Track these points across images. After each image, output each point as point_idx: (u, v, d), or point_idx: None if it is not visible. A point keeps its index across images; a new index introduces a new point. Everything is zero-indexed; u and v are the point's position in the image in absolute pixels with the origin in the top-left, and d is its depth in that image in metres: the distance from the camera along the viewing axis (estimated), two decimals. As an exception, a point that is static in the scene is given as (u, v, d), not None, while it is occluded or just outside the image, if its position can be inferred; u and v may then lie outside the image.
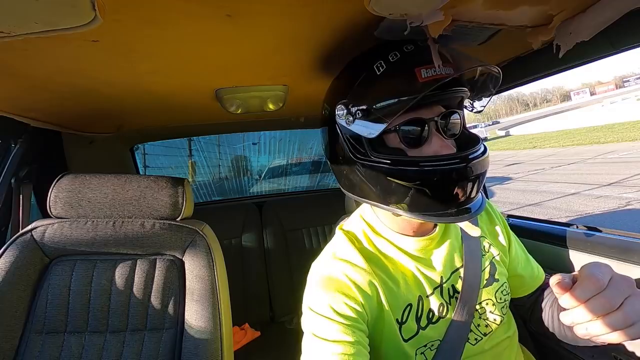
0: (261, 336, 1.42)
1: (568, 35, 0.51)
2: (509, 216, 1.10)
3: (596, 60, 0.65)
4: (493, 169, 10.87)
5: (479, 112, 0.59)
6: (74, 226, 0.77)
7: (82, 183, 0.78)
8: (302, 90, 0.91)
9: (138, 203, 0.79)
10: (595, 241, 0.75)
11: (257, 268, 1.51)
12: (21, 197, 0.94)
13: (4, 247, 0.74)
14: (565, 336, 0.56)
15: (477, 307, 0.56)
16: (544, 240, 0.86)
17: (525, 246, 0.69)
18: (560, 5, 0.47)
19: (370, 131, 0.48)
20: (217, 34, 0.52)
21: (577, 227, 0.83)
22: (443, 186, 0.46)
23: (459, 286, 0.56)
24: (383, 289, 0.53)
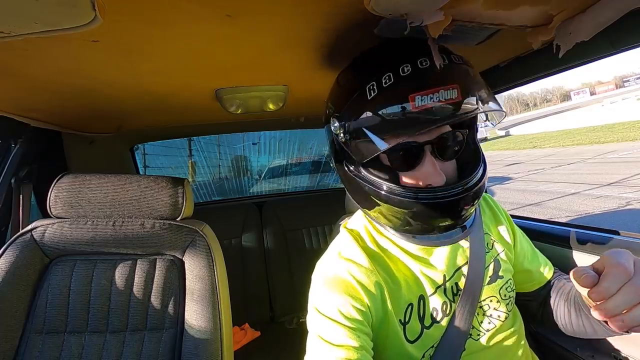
0: (261, 336, 1.42)
1: (568, 35, 0.51)
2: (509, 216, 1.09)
3: (596, 60, 0.65)
4: (493, 169, 10.87)
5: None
6: (74, 226, 0.77)
7: (82, 183, 0.78)
8: (302, 90, 0.91)
9: (138, 203, 0.79)
10: (595, 241, 0.75)
11: (257, 268, 1.51)
12: (21, 197, 0.94)
13: (4, 247, 0.74)
14: (584, 332, 0.55)
15: (482, 304, 0.56)
16: (544, 240, 0.86)
17: None
18: (560, 5, 0.47)
19: (358, 157, 0.49)
20: (217, 34, 0.52)
21: (578, 227, 0.83)
22: (425, 217, 0.47)
23: (462, 284, 0.56)
24: (387, 289, 0.53)
